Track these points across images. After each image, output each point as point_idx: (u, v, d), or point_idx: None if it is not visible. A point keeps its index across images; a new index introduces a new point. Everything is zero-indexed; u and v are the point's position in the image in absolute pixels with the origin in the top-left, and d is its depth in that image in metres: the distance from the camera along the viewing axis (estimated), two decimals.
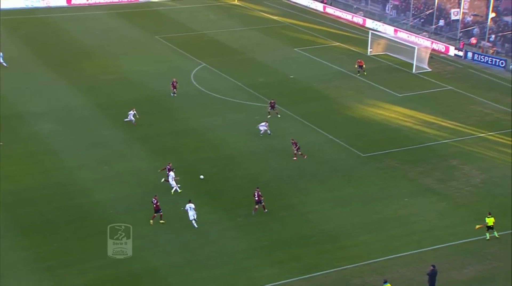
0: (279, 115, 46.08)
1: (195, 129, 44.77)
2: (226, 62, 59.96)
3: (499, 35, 63.14)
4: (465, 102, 50.48)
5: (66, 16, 75.08)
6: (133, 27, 70.89)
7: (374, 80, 54.95)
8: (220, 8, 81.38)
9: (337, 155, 41.29)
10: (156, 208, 33.14)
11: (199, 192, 36.51)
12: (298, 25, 73.19)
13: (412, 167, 39.72)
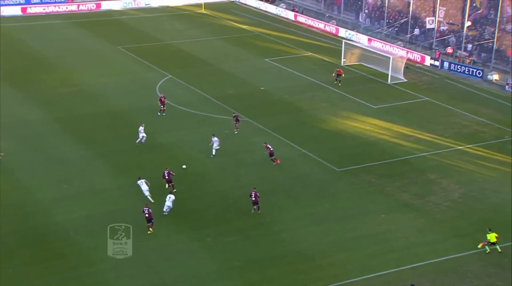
0: (236, 131, 45.92)
1: (161, 145, 44.50)
2: (193, 73, 59.90)
3: (475, 44, 64.38)
4: (442, 114, 51.22)
5: (21, 26, 74.24)
6: (93, 37, 70.44)
7: (348, 91, 55.43)
8: (186, 17, 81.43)
9: (311, 170, 41.42)
10: (148, 217, 33.26)
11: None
12: (268, 34, 73.60)
13: (389, 181, 40.05)
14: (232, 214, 36.26)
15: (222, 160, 42.46)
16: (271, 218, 35.93)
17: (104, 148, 43.34)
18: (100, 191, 38.19)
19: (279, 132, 46.78)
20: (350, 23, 76.16)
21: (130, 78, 57.76)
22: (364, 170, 41.39)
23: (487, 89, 57.22)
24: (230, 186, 39.19)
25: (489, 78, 59.35)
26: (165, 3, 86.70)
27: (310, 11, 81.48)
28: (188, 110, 50.42)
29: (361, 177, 40.56)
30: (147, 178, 39.36)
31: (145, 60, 63.06)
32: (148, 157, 42.53)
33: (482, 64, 62.66)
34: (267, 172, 41.02)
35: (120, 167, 40.93)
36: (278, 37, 72.41)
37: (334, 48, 67.54)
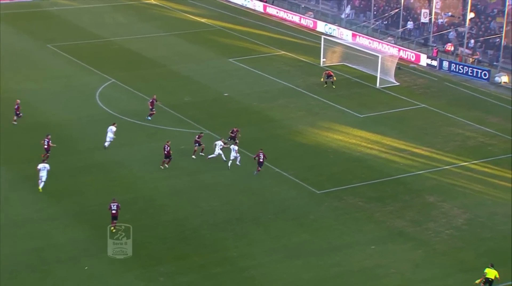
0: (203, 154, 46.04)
1: (103, 164, 44.20)
2: (141, 77, 59.77)
3: (480, 40, 65.55)
4: (441, 123, 51.92)
5: None
6: (17, 34, 69.84)
7: (329, 98, 55.85)
8: (132, 8, 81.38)
9: (286, 193, 41.53)
10: (114, 214, 35.77)
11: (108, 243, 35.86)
12: (232, 29, 73.90)
13: (379, 205, 40.36)
14: (190, 247, 36.11)
15: (178, 182, 42.32)
16: (237, 252, 35.86)
17: (31, 169, 42.79)
18: (26, 222, 37.69)
19: (247, 147, 46.83)
20: (330, 15, 76.96)
21: (64, 83, 57.37)
22: (350, 192, 41.64)
23: (495, 94, 58.25)
24: (187, 213, 39.06)
25: (496, 80, 60.42)
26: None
27: (283, 2, 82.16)
28: (135, 121, 50.19)
29: (346, 200, 40.79)
30: (85, 206, 39.01)
31: (81, 61, 62.73)
32: (86, 180, 42.17)
33: (488, 63, 63.81)
34: (232, 196, 41.02)
35: (51, 193, 40.49)
36: (245, 32, 72.74)
37: (312, 46, 68.09)
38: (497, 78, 60.40)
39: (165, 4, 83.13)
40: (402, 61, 64.17)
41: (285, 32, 73.35)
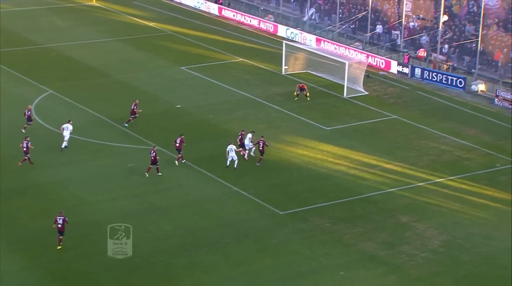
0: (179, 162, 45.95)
1: (40, 185, 43.73)
2: (83, 87, 59.37)
3: (454, 45, 66.47)
4: (414, 136, 52.43)
5: None
6: None
7: (292, 109, 56.05)
8: (71, 11, 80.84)
9: (246, 214, 41.50)
10: (60, 229, 36.77)
11: (46, 274, 35.39)
12: (185, 34, 73.86)
13: (348, 227, 40.53)
14: (140, 277, 35.83)
15: (125, 204, 42.02)
16: (192, 281, 35.68)
17: None
18: None
19: (202, 165, 46.72)
20: (292, 18, 77.39)
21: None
22: (316, 213, 41.75)
23: (472, 103, 59.05)
24: (136, 239, 38.72)
25: (473, 88, 61.25)
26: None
27: (240, 4, 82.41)
28: (77, 137, 49.79)
29: (312, 222, 40.89)
30: (20, 233, 38.49)
31: (14, 71, 62.08)
32: (21, 204, 41.62)
33: (464, 71, 64.67)
34: (186, 218, 40.86)
35: None
36: (198, 37, 72.74)
37: (273, 52, 68.34)
38: (474, 86, 61.23)
39: (108, 7, 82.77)
40: (371, 68, 64.70)
41: (243, 37, 73.53)
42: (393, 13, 71.70)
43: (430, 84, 62.51)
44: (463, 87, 61.24)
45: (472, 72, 63.77)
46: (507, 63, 63.22)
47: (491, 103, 58.84)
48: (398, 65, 65.03)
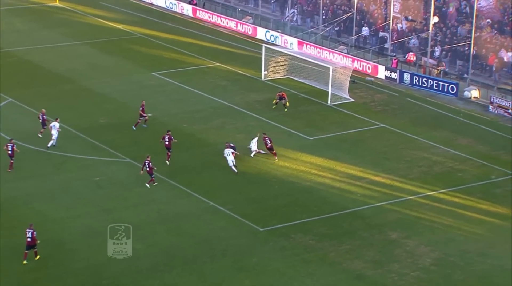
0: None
1: (3, 202, 43.45)
2: (46, 95, 59.11)
3: (445, 49, 66.82)
4: (404, 146, 52.61)
5: None
6: None
7: (273, 117, 56.11)
8: (33, 13, 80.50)
9: (224, 231, 41.43)
10: (30, 243, 37.46)
11: None
12: (156, 37, 73.78)
13: (334, 244, 40.52)
14: None
15: (92, 221, 41.82)
16: None
17: None
18: None
19: (175, 178, 46.63)
20: (272, 20, 77.53)
21: None
22: (298, 229, 41.74)
23: (464, 111, 59.37)
24: (104, 259, 38.55)
25: (466, 95, 61.58)
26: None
27: (216, 4, 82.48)
28: (39, 149, 49.53)
29: (294, 239, 40.87)
30: None
31: None
32: None
33: (456, 76, 65.03)
34: (159, 236, 40.72)
35: None
36: (171, 41, 72.69)
37: (252, 56, 68.40)
38: (467, 92, 61.55)
39: (73, 8, 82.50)
40: (356, 73, 64.92)
41: (219, 40, 73.54)
42: (380, 14, 72.05)
43: (420, 90, 62.78)
44: (456, 94, 61.56)
45: (464, 77, 64.13)
46: (502, 68, 63.63)
47: (485, 110, 59.19)
48: (386, 70, 65.28)
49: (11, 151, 46.52)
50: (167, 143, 47.84)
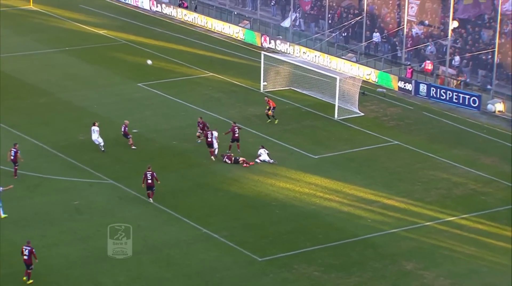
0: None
1: None
2: (18, 109, 59.08)
3: (466, 57, 66.83)
4: (420, 166, 52.54)
5: None
6: None
7: (273, 134, 56.09)
8: (3, 17, 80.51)
9: (217, 262, 41.31)
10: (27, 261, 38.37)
11: None
12: (143, 44, 73.85)
13: (342, 276, 40.38)
14: None
15: (70, 250, 41.73)
16: None
17: None
18: None
19: (164, 201, 46.55)
20: (272, 25, 77.61)
21: None
22: (302, 259, 41.63)
23: (488, 126, 59.34)
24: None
25: (489, 108, 61.56)
26: None
27: (209, 7, 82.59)
28: (10, 169, 49.44)
29: (298, 270, 40.75)
30: None
31: None
32: None
33: (479, 87, 64.98)
34: (145, 268, 40.61)
35: None
36: (159, 48, 72.76)
37: (249, 65, 68.45)
38: (490, 105, 61.56)
39: (49, 11, 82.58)
40: (367, 84, 64.97)
41: (213, 48, 73.61)
42: (393, 19, 72.13)
43: (438, 103, 62.78)
44: (478, 107, 61.56)
45: (488, 88, 64.12)
46: None
47: (511, 125, 59.16)
48: (400, 81, 65.29)
49: (13, 156, 47.89)
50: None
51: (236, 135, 52.40)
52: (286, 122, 57.95)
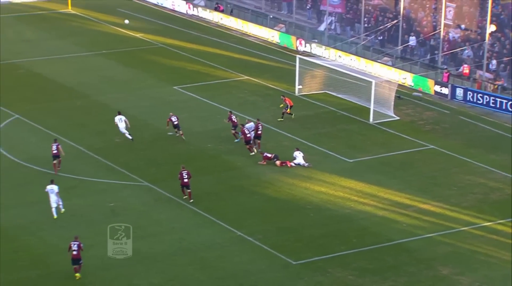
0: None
1: (3, 230, 43.65)
2: (56, 111, 59.49)
3: (504, 61, 66.34)
4: (456, 170, 52.22)
5: None
6: None
7: (308, 137, 55.98)
8: (43, 20, 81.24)
9: (252, 265, 41.26)
10: (76, 256, 39.23)
11: None
12: (179, 47, 74.07)
13: (377, 280, 40.19)
14: None
15: (105, 252, 41.76)
16: None
17: None
18: None
19: (199, 204, 46.59)
20: (308, 29, 77.54)
21: None
22: (337, 263, 41.48)
23: None
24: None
25: None
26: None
27: (245, 11, 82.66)
28: (47, 170, 49.71)
29: (332, 274, 40.60)
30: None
31: None
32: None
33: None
34: (180, 269, 40.65)
35: None
36: (196, 51, 72.94)
37: (285, 69, 68.41)
38: None
39: (87, 15, 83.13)
40: (402, 88, 64.69)
41: (248, 51, 73.65)
42: (429, 22, 71.73)
43: (475, 108, 62.41)
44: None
45: None
46: None
47: None
48: (436, 85, 64.98)
49: (56, 150, 49.04)
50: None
51: (259, 132, 53.17)
52: (321, 126, 57.85)
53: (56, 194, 44.74)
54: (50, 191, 44.87)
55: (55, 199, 44.77)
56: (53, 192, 44.77)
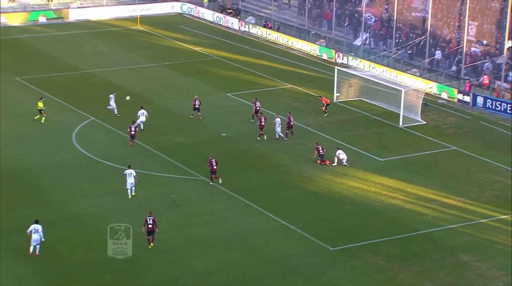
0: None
1: (79, 217, 44.02)
2: (125, 114, 59.82)
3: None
4: (477, 169, 51.77)
5: None
6: None
7: (344, 138, 55.80)
8: (115, 36, 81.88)
9: (294, 250, 41.23)
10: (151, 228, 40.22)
11: None
12: (232, 59, 74.22)
13: (404, 265, 39.99)
14: None
15: (166, 237, 42.05)
16: None
17: None
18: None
19: (248, 196, 46.63)
20: (345, 43, 77.37)
21: (34, 122, 57.35)
22: (369, 249, 41.35)
23: None
24: (178, 274, 38.76)
25: None
26: (84, 16, 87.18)
27: (290, 27, 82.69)
28: (118, 166, 50.09)
29: (365, 259, 40.47)
30: (58, 267, 38.79)
31: (55, 96, 62.82)
32: (59, 236, 41.83)
33: None
34: (231, 253, 40.73)
35: (17, 252, 40.15)
36: (246, 63, 73.02)
37: (324, 78, 68.27)
38: None
39: (153, 31, 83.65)
40: (429, 96, 64.28)
41: (292, 63, 73.63)
42: (453, 38, 71.20)
43: (494, 114, 61.82)
44: None
45: None
46: None
47: None
48: (459, 93, 64.50)
49: (134, 131, 52.20)
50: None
51: (291, 123, 54.70)
52: (356, 129, 57.68)
53: (133, 177, 45.60)
54: (128, 174, 45.72)
55: (131, 182, 45.58)
56: (130, 176, 45.61)
